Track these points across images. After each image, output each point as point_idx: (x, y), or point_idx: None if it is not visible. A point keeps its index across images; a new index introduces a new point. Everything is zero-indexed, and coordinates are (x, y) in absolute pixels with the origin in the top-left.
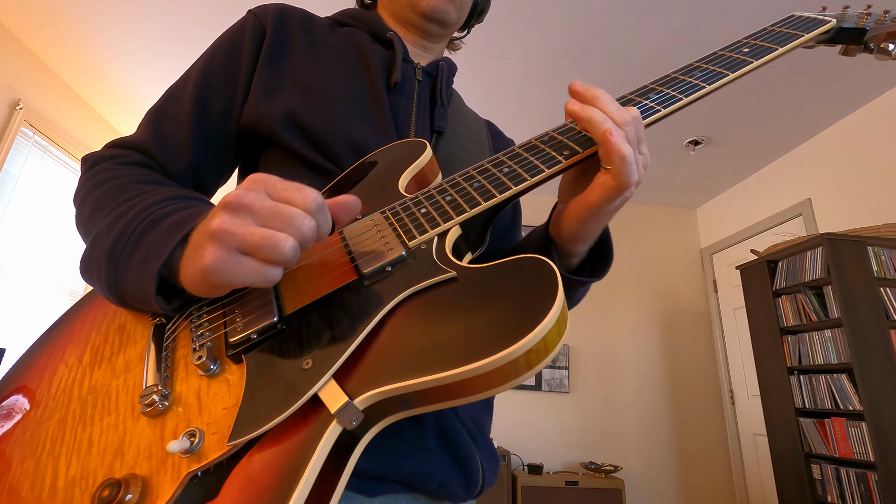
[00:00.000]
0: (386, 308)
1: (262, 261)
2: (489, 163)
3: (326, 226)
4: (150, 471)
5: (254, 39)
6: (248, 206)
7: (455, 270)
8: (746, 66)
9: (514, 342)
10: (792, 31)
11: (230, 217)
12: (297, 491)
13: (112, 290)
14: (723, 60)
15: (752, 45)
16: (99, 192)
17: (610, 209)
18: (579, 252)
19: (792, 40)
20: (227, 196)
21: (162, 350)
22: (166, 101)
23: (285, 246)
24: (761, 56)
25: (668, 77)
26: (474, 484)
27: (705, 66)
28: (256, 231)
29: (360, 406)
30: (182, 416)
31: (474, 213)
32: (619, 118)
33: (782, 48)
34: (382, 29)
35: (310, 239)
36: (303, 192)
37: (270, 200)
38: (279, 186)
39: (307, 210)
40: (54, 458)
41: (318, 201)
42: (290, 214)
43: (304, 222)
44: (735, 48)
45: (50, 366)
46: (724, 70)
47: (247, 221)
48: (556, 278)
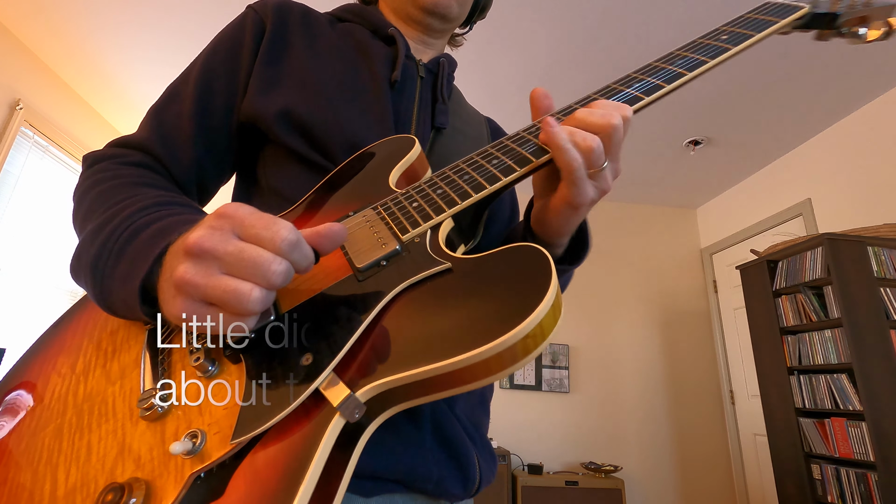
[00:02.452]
0: (383, 301)
1: (229, 313)
2: (479, 155)
3: (305, 261)
4: (152, 473)
5: (254, 35)
6: (211, 252)
7: (449, 262)
8: (725, 53)
9: (510, 328)
10: (767, 18)
11: (193, 266)
12: (304, 485)
13: (102, 302)
14: (702, 48)
15: (731, 32)
16: (94, 193)
17: (587, 203)
18: (562, 243)
19: (768, 27)
20: (190, 238)
21: (158, 353)
22: (168, 98)
23: (249, 299)
24: (739, 42)
25: (650, 66)
26: (472, 482)
27: (686, 53)
28: (219, 283)
29: (361, 398)
30: (182, 418)
31: (465, 206)
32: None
33: (759, 34)
34: (384, 25)
35: (281, 283)
36: (273, 229)
37: (236, 242)
38: (247, 223)
39: (278, 251)
40: (52, 467)
41: (290, 240)
42: (257, 261)
43: (272, 267)
44: (713, 36)
45: (42, 377)
46: (705, 57)
47: (210, 270)
48: (548, 264)
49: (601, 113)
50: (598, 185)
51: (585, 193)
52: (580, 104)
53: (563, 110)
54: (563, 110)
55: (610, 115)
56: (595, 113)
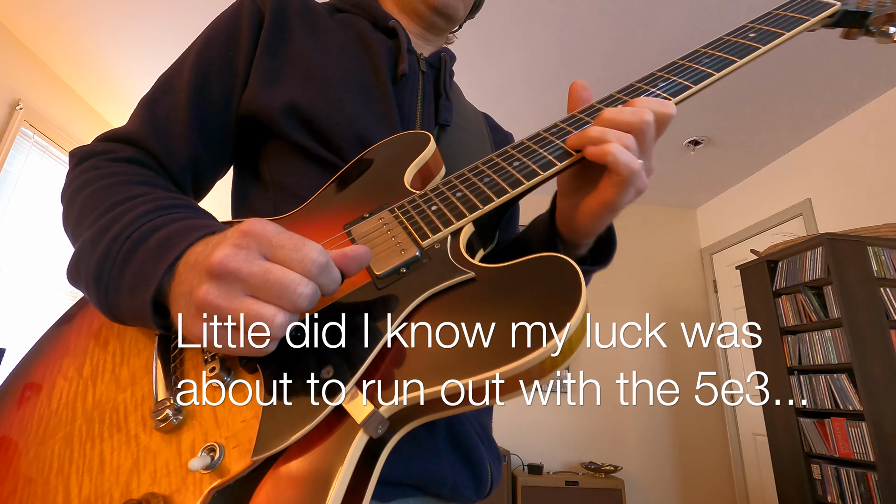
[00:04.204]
0: (405, 312)
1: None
2: (498, 156)
3: (333, 284)
4: (170, 488)
5: (252, 24)
6: (236, 273)
7: (473, 271)
8: (754, 52)
9: (540, 346)
10: (797, 16)
11: (215, 287)
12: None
13: (107, 312)
14: (729, 46)
15: (759, 29)
16: (86, 194)
17: (626, 202)
18: (588, 244)
19: (798, 24)
20: (214, 258)
21: (170, 361)
22: (160, 89)
23: (273, 323)
24: (768, 41)
25: (675, 64)
26: (484, 485)
27: (712, 52)
28: (242, 306)
29: (385, 414)
30: (199, 430)
31: (487, 210)
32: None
33: (789, 33)
34: (384, 17)
35: (307, 307)
36: (302, 251)
37: (261, 263)
38: (275, 243)
39: (307, 274)
40: (64, 477)
41: (320, 262)
42: (284, 283)
43: (300, 290)
44: (741, 33)
45: (48, 379)
46: (732, 56)
47: (233, 292)
48: (579, 279)
49: (632, 110)
50: (637, 185)
51: (629, 195)
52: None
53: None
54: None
55: (642, 112)
56: (625, 111)
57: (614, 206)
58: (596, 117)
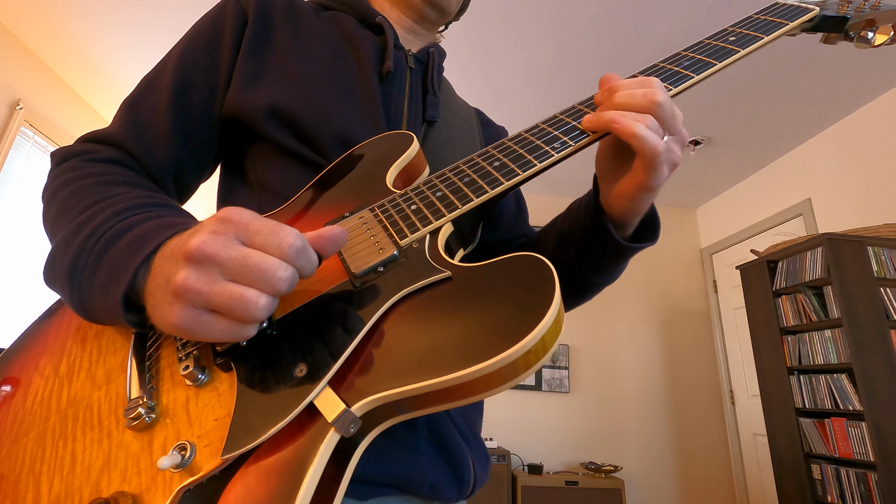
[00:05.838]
0: (380, 310)
1: (233, 320)
2: (479, 156)
3: (310, 266)
4: (139, 487)
5: (235, 25)
6: (214, 258)
7: (449, 270)
8: (733, 56)
9: (512, 344)
10: (777, 20)
11: (194, 272)
12: (297, 501)
13: (81, 311)
14: (709, 49)
15: (738, 33)
16: (64, 194)
17: (660, 181)
18: (634, 223)
19: (777, 29)
20: (191, 243)
21: (145, 360)
22: (143, 90)
23: (257, 305)
24: (748, 45)
25: (656, 67)
26: (466, 484)
27: (692, 54)
28: (224, 290)
29: (357, 413)
30: (171, 428)
31: (466, 210)
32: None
33: (767, 37)
34: (371, 13)
35: (287, 290)
36: (279, 236)
37: (239, 248)
38: (251, 228)
39: (285, 258)
40: (35, 476)
41: (297, 246)
42: (263, 267)
43: (279, 274)
44: (721, 37)
45: (25, 377)
46: (711, 59)
47: (213, 276)
48: (552, 277)
49: (641, 92)
50: (671, 159)
51: (662, 175)
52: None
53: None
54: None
55: (652, 93)
56: (635, 94)
57: (649, 187)
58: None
